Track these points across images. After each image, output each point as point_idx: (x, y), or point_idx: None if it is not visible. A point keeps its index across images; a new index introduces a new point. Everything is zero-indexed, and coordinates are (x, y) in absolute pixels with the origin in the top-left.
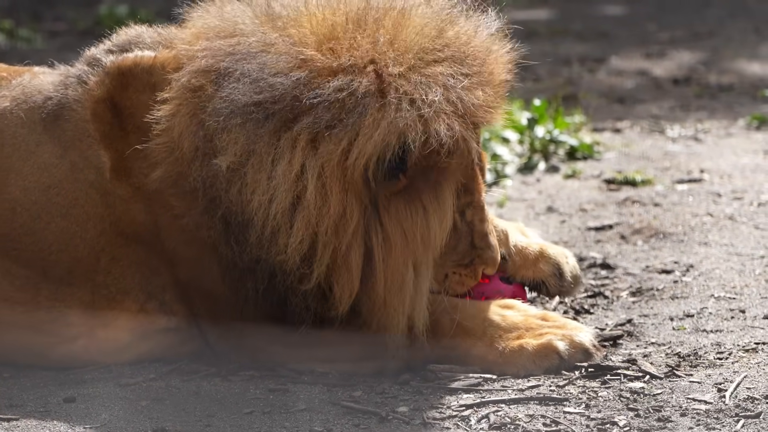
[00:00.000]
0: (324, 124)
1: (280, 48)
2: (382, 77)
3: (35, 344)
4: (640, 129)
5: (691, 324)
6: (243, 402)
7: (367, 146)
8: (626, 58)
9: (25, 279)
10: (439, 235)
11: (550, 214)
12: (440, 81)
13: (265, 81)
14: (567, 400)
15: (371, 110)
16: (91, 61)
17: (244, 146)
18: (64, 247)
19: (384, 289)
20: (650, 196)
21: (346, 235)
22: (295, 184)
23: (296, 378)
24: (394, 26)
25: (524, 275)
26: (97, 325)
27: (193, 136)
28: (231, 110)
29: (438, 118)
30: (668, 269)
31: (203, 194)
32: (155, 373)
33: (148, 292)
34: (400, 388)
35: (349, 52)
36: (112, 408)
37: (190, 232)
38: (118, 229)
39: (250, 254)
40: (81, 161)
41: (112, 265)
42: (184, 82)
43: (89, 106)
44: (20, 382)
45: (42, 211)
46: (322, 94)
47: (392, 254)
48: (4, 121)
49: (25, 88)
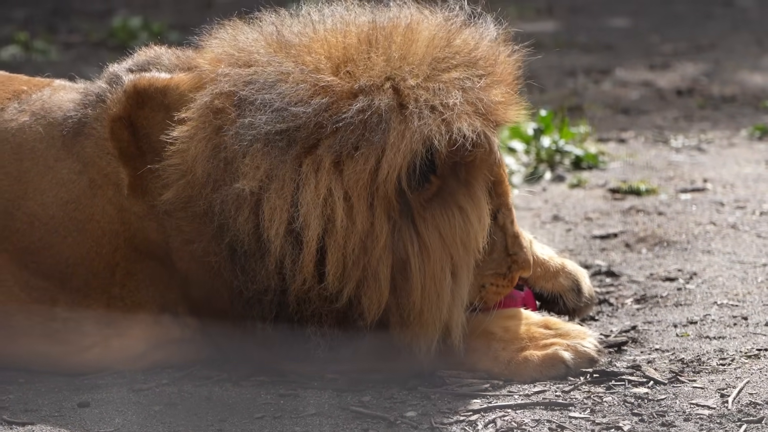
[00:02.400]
0: (349, 145)
1: (297, 77)
2: (400, 91)
3: (51, 353)
4: (644, 139)
5: (695, 331)
6: (254, 407)
7: (396, 159)
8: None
9: (43, 290)
10: (479, 234)
11: (556, 222)
12: (457, 85)
13: (288, 110)
14: (572, 405)
15: (394, 124)
16: (112, 78)
17: (267, 171)
18: (80, 261)
19: (421, 298)
20: (654, 205)
21: (376, 250)
22: (323, 208)
23: (306, 383)
24: (404, 41)
25: (543, 286)
26: (112, 335)
27: (207, 161)
28: (254, 137)
29: (460, 119)
30: (672, 277)
31: (211, 220)
32: (168, 379)
33: (161, 305)
34: (409, 394)
35: (366, 73)
36: (125, 413)
37: (199, 256)
38: (132, 245)
39: (256, 284)
40: (100, 178)
41: (127, 279)
42: (206, 102)
43: (107, 124)
44: (35, 387)
45: (59, 225)
46: (345, 117)
47: (430, 261)
48: (23, 136)
49: (44, 104)
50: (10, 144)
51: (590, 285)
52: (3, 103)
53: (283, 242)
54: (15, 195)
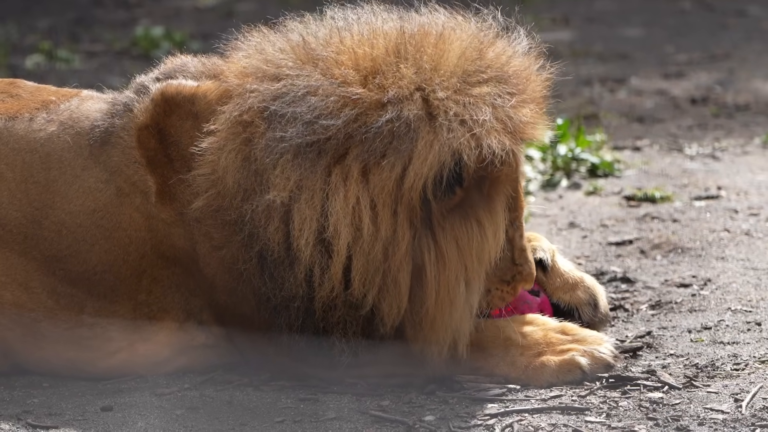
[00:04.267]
0: (377, 153)
1: (326, 90)
2: (429, 102)
3: (78, 358)
4: (659, 147)
5: (709, 336)
6: (274, 411)
7: (422, 168)
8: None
9: (70, 297)
10: (493, 249)
11: (572, 229)
12: (488, 101)
13: (318, 123)
14: (588, 409)
15: (423, 133)
16: (139, 88)
17: (297, 182)
18: (107, 268)
19: (435, 306)
20: (669, 212)
21: (396, 257)
22: (352, 217)
23: (326, 388)
24: (435, 52)
25: (561, 297)
26: (137, 340)
27: (238, 171)
28: (284, 149)
29: (489, 135)
30: (686, 283)
31: (240, 229)
32: (190, 383)
33: (187, 311)
34: (427, 398)
35: (395, 84)
36: (148, 417)
37: (227, 263)
38: (159, 252)
39: (284, 291)
40: (127, 186)
41: (153, 286)
42: (235, 116)
43: (134, 133)
44: (59, 391)
45: (87, 233)
46: (374, 127)
47: (446, 270)
48: (51, 146)
49: (72, 114)
50: (38, 153)
51: (606, 303)
52: (32, 113)
53: (312, 251)
54: (43, 204)
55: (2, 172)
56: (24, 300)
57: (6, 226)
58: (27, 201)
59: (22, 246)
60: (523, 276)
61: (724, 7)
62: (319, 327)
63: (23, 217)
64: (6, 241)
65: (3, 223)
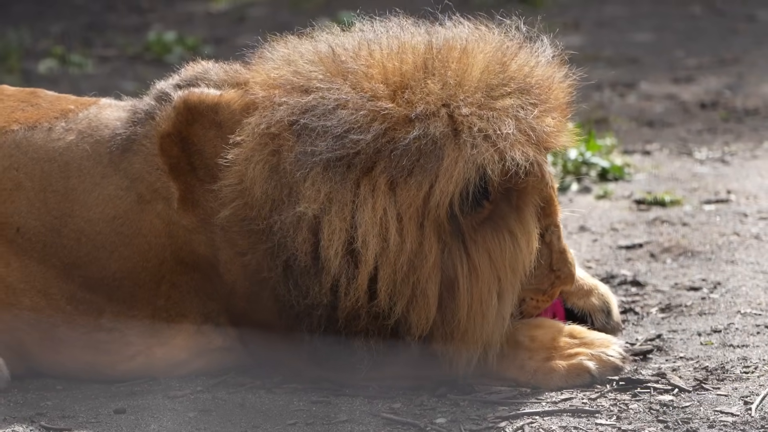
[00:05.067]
0: (405, 170)
1: (357, 103)
2: (454, 119)
3: (96, 362)
4: (668, 151)
5: (719, 339)
6: (287, 413)
7: (448, 186)
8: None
9: (89, 303)
10: (527, 259)
11: (583, 233)
12: (511, 113)
13: (347, 137)
14: (599, 412)
15: (448, 151)
16: (160, 95)
17: (327, 195)
18: (126, 275)
19: (467, 318)
20: (679, 216)
21: (425, 269)
22: (380, 228)
23: (338, 390)
24: (459, 67)
25: (575, 303)
26: (155, 344)
27: (265, 182)
28: (315, 163)
29: (513, 148)
30: (696, 286)
31: (268, 238)
32: (202, 386)
33: (204, 314)
34: (438, 401)
35: (423, 99)
36: (160, 419)
37: (251, 269)
38: (178, 258)
39: (308, 299)
40: (149, 193)
41: (172, 291)
42: (262, 128)
43: (157, 141)
44: (72, 394)
45: (106, 240)
46: (402, 144)
47: (478, 283)
48: (70, 154)
49: (91, 122)
50: (57, 162)
51: (618, 312)
52: (51, 122)
53: (341, 261)
54: (62, 212)
55: (21, 182)
56: (42, 305)
57: (25, 234)
58: (46, 210)
59: (41, 254)
60: (562, 280)
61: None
62: (341, 334)
63: (42, 225)
64: (25, 250)
65: (22, 232)
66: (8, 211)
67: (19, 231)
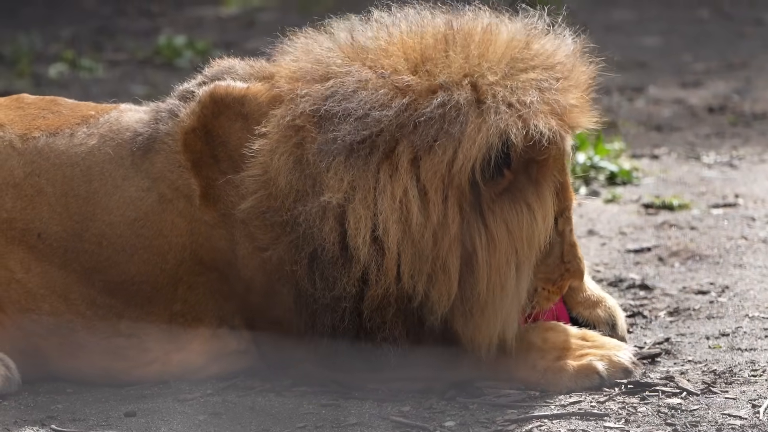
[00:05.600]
0: (429, 138)
1: (376, 82)
2: (478, 87)
3: (114, 368)
4: (676, 155)
5: (727, 343)
6: (296, 417)
7: (471, 151)
8: (663, 87)
9: (108, 308)
10: (542, 233)
11: (591, 236)
12: (534, 85)
13: (370, 116)
14: (607, 415)
15: (472, 117)
16: (184, 94)
17: (351, 183)
18: (145, 278)
19: (486, 290)
20: (687, 219)
21: (446, 241)
22: (400, 212)
23: (347, 393)
24: (483, 41)
25: (581, 312)
26: (172, 350)
27: (290, 173)
28: (337, 150)
29: (536, 116)
30: (704, 290)
31: (292, 230)
32: (212, 389)
33: (220, 317)
34: (447, 404)
35: (445, 70)
36: (170, 422)
37: (271, 264)
38: (197, 258)
39: (335, 291)
40: (170, 192)
41: (189, 294)
42: (287, 120)
43: (180, 138)
44: (83, 397)
45: (127, 243)
46: (426, 112)
47: (496, 254)
48: (92, 159)
49: (112, 126)
50: (80, 167)
51: (625, 327)
52: (72, 128)
53: (369, 249)
54: (84, 216)
55: (43, 188)
56: (62, 310)
57: (46, 240)
58: (67, 215)
59: (62, 259)
60: (571, 272)
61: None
62: (365, 327)
63: (63, 230)
64: (46, 255)
65: (43, 238)
66: (30, 217)
67: (40, 236)
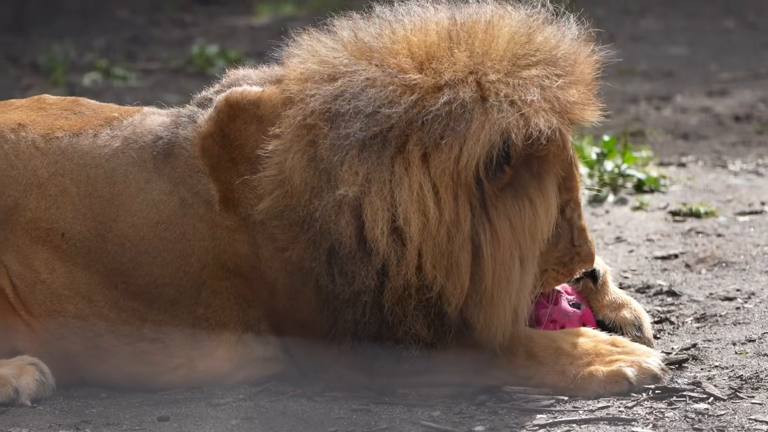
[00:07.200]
0: (436, 135)
1: (384, 80)
2: (482, 85)
3: (139, 373)
4: (703, 163)
5: (753, 348)
6: (327, 421)
7: (475, 148)
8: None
9: (132, 311)
10: (545, 227)
11: (619, 244)
12: (536, 82)
13: (380, 113)
14: (635, 420)
15: (477, 115)
16: (202, 101)
17: (365, 176)
18: (169, 281)
19: (492, 284)
20: (713, 227)
21: (459, 238)
22: (419, 203)
23: (378, 399)
24: (486, 37)
25: (606, 315)
26: (197, 356)
27: (304, 171)
28: (350, 145)
29: (537, 114)
30: (731, 296)
31: (309, 226)
32: (244, 394)
33: (245, 323)
34: (477, 409)
35: (451, 68)
36: (203, 426)
37: (292, 264)
38: (220, 262)
39: (355, 285)
40: (191, 197)
41: (213, 298)
42: (299, 120)
43: (198, 143)
44: (117, 401)
45: (150, 246)
46: (433, 110)
47: (500, 249)
48: (116, 161)
49: (135, 129)
50: (103, 168)
51: (650, 329)
52: (96, 129)
53: (388, 240)
54: (107, 218)
55: (67, 188)
56: (87, 313)
57: (70, 240)
58: (91, 215)
59: (85, 259)
60: (581, 257)
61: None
62: (387, 321)
63: (87, 231)
64: (70, 255)
65: (67, 237)
66: (54, 217)
67: (64, 236)
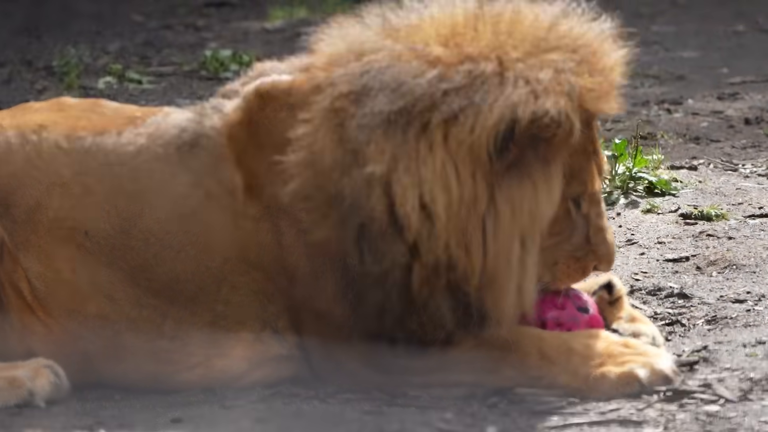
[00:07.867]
0: (456, 107)
1: (408, 56)
2: (502, 61)
3: (157, 372)
4: (714, 166)
5: (763, 351)
6: (341, 423)
7: (487, 121)
8: (701, 99)
9: (153, 308)
10: (546, 210)
11: (630, 246)
12: (552, 65)
13: (405, 85)
14: (646, 422)
15: (493, 88)
16: (228, 93)
17: (392, 154)
18: (190, 277)
19: (493, 264)
20: (724, 229)
21: (474, 216)
22: (443, 180)
23: (390, 401)
24: (511, 20)
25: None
26: (214, 355)
27: (334, 151)
28: (375, 123)
29: (546, 94)
30: (741, 299)
31: (339, 204)
32: (257, 396)
33: (263, 320)
34: (489, 411)
35: (474, 44)
36: (217, 428)
37: (316, 246)
38: (242, 256)
39: (384, 263)
40: (216, 187)
41: (232, 294)
42: (326, 105)
43: (225, 131)
44: (130, 403)
45: (174, 240)
46: (454, 81)
47: (501, 228)
48: (141, 158)
49: (159, 125)
50: (128, 166)
51: (662, 341)
52: (119, 128)
53: (419, 216)
54: (132, 214)
55: (91, 186)
56: (107, 311)
57: (94, 238)
58: (116, 213)
59: (108, 257)
60: (597, 255)
61: None
62: (413, 302)
63: (111, 228)
64: (93, 253)
65: (91, 235)
66: (78, 216)
67: (87, 234)
